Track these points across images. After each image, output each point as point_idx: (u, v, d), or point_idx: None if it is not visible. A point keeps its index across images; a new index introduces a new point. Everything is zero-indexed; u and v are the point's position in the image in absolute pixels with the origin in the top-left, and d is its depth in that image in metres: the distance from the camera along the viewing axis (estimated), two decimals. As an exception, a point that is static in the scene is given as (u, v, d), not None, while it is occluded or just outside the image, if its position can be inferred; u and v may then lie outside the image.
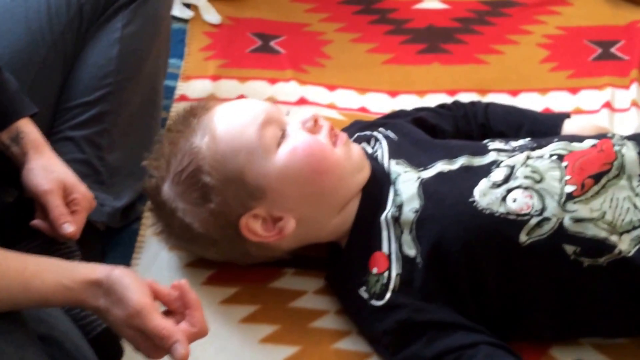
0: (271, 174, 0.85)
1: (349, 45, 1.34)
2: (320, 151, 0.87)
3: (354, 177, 0.89)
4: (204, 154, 0.86)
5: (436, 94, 1.24)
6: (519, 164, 0.87)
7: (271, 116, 0.88)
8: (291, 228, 0.87)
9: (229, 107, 0.90)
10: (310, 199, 0.87)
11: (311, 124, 0.89)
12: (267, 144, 0.86)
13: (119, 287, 0.67)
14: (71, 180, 0.88)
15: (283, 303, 0.93)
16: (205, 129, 0.87)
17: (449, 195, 0.86)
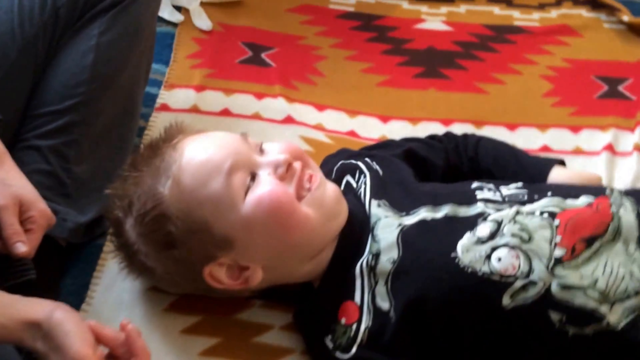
0: (237, 225, 0.83)
1: (343, 63, 1.32)
2: (287, 205, 0.82)
3: (326, 226, 0.86)
4: (167, 201, 0.83)
5: (430, 122, 1.21)
6: (507, 220, 0.84)
7: (239, 160, 0.84)
8: (258, 278, 0.85)
9: (195, 149, 0.85)
10: (278, 250, 0.85)
11: (283, 170, 0.84)
12: (233, 194, 0.82)
13: (58, 333, 0.65)
14: (29, 196, 0.85)
15: (247, 337, 0.91)
16: (170, 173, 0.84)
17: (430, 248, 0.83)
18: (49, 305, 0.68)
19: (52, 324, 0.65)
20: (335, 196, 0.87)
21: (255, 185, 0.83)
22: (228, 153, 0.84)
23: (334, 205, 0.87)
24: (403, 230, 0.85)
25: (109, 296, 0.95)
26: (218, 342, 0.91)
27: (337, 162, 0.98)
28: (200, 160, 0.84)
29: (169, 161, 0.84)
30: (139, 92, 1.10)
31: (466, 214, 0.86)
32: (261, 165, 0.85)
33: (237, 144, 0.86)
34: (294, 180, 0.85)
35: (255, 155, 0.86)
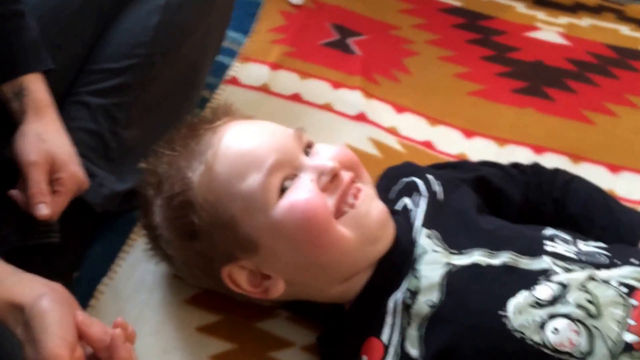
0: (265, 228, 0.77)
1: (435, 62, 1.25)
2: (321, 220, 0.76)
3: (363, 251, 0.79)
4: (195, 189, 0.79)
5: (519, 146, 1.12)
6: (575, 285, 0.74)
7: (283, 159, 0.78)
8: (278, 291, 0.80)
9: (236, 137, 0.80)
10: (304, 266, 0.79)
11: (327, 179, 0.78)
12: (268, 194, 0.77)
13: (37, 325, 0.61)
14: (62, 156, 0.83)
15: (263, 350, 0.86)
16: (203, 158, 0.79)
17: (477, 299, 0.75)
18: (39, 289, 0.64)
19: (33, 313, 0.62)
20: (379, 219, 0.80)
21: (292, 188, 0.78)
22: (273, 148, 0.79)
23: (376, 229, 0.80)
24: (450, 272, 0.78)
25: (132, 274, 0.92)
26: (232, 348, 0.86)
27: (399, 178, 0.91)
28: (240, 151, 0.79)
29: (205, 145, 0.80)
30: (205, 62, 1.06)
31: (528, 267, 0.77)
32: (306, 167, 0.79)
33: (285, 139, 0.81)
34: (337, 192, 0.79)
35: (302, 155, 0.80)
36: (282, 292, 0.80)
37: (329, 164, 0.79)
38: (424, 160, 1.06)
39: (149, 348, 0.86)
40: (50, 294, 0.64)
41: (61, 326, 0.61)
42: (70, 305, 0.65)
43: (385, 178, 0.94)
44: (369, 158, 1.07)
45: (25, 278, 0.66)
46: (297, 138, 0.82)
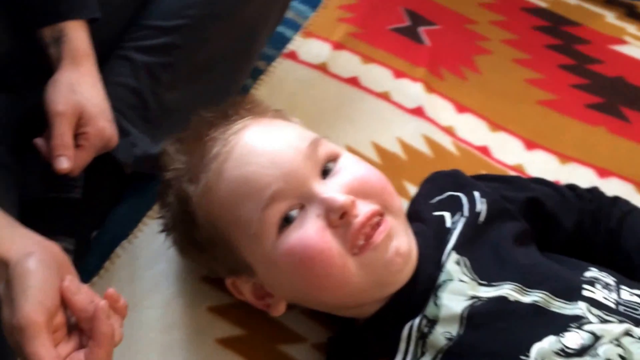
0: (261, 260, 0.74)
1: (508, 64, 1.18)
2: (325, 265, 0.71)
3: (370, 293, 0.74)
4: (195, 205, 0.76)
5: (582, 166, 1.06)
6: (608, 337, 0.68)
7: (286, 189, 0.72)
8: (280, 311, 0.78)
9: (241, 156, 0.74)
10: (305, 298, 0.77)
11: (335, 217, 0.71)
12: (265, 227, 0.72)
13: (17, 286, 0.59)
14: (92, 110, 0.81)
15: (273, 342, 0.84)
16: (205, 175, 0.75)
17: (499, 339, 0.70)
18: (29, 247, 0.62)
19: (16, 272, 0.59)
20: (395, 263, 0.73)
21: (296, 224, 0.72)
22: (278, 175, 0.72)
23: (389, 275, 0.74)
24: (474, 305, 0.72)
25: (153, 241, 0.90)
26: (241, 334, 0.84)
27: (445, 189, 0.85)
28: (241, 176, 0.73)
29: (210, 159, 0.75)
30: (263, 32, 1.03)
31: (560, 311, 0.71)
32: (314, 199, 0.72)
33: (297, 161, 0.73)
34: (348, 233, 0.72)
35: (314, 179, 0.74)
36: (282, 312, 0.79)
37: (339, 201, 0.71)
38: (477, 166, 1.02)
39: (156, 320, 0.84)
40: (39, 253, 0.61)
41: (42, 290, 0.59)
42: (60, 269, 0.62)
43: (430, 182, 0.89)
44: (418, 156, 1.02)
45: (18, 233, 0.64)
46: (312, 154, 0.75)
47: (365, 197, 0.74)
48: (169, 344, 0.82)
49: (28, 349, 0.57)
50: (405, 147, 1.03)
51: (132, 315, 0.83)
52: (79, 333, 0.63)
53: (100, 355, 0.60)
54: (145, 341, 0.82)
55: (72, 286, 0.61)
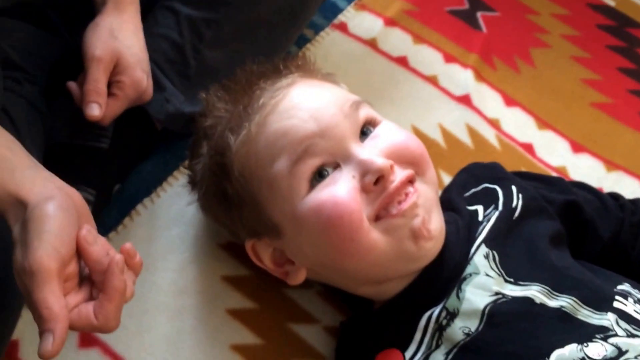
0: (288, 218, 0.73)
1: (566, 61, 1.14)
2: (349, 227, 0.70)
3: (395, 265, 0.73)
4: (232, 157, 0.74)
5: (629, 176, 1.02)
6: (633, 354, 0.67)
7: (320, 145, 0.71)
8: (299, 280, 0.77)
9: (282, 111, 0.73)
10: (327, 265, 0.75)
11: (370, 180, 0.71)
12: (296, 185, 0.71)
13: (33, 229, 0.58)
14: (129, 59, 0.80)
15: (284, 319, 0.83)
16: (247, 127, 0.74)
17: (519, 340, 0.68)
18: (50, 191, 0.61)
19: (34, 215, 0.58)
20: (423, 232, 0.72)
21: (329, 181, 0.71)
22: (313, 130, 0.72)
23: (416, 246, 0.72)
24: (497, 302, 0.71)
25: (172, 205, 0.90)
26: (252, 307, 0.83)
27: (482, 181, 0.84)
28: (279, 129, 0.73)
29: (255, 110, 0.74)
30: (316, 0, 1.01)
31: (586, 320, 0.70)
32: (351, 159, 0.72)
33: (336, 118, 0.73)
34: (380, 197, 0.71)
35: (353, 140, 0.73)
36: (301, 280, 0.77)
37: (377, 163, 0.71)
38: (518, 164, 0.99)
39: (169, 284, 0.84)
40: (59, 199, 0.60)
41: (58, 236, 0.58)
42: (79, 218, 0.62)
43: (466, 172, 0.88)
44: (458, 145, 1.00)
45: (40, 176, 0.63)
46: (353, 114, 0.74)
47: (402, 163, 0.73)
48: (179, 309, 0.82)
49: (37, 294, 0.57)
50: (446, 135, 1.00)
51: (145, 275, 0.83)
52: (90, 285, 0.62)
53: (109, 309, 0.59)
54: (155, 303, 0.82)
55: (89, 236, 0.61)
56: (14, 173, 0.61)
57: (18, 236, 0.59)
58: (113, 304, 0.59)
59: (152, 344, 0.79)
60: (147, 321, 0.80)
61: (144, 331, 0.80)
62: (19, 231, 0.59)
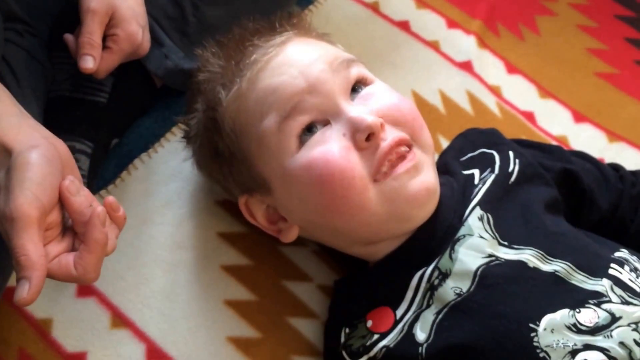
0: (277, 175, 0.77)
1: (571, 29, 1.19)
2: (344, 185, 0.73)
3: (387, 226, 0.77)
4: (222, 113, 0.79)
5: (631, 147, 1.07)
6: (626, 320, 0.70)
7: (310, 102, 0.75)
8: (291, 237, 0.82)
9: (274, 68, 0.77)
10: (318, 224, 0.79)
11: (361, 138, 0.74)
12: (285, 141, 0.75)
13: (15, 176, 0.61)
14: (124, 13, 0.85)
15: (278, 276, 0.88)
16: (238, 83, 0.78)
17: (509, 303, 0.72)
18: (35, 140, 0.64)
19: (17, 162, 0.62)
20: (417, 197, 0.76)
21: (318, 139, 0.75)
22: (302, 86, 0.76)
23: (409, 208, 0.76)
24: (490, 264, 0.75)
25: (173, 158, 0.95)
26: (246, 264, 0.89)
27: (479, 146, 0.88)
28: (269, 86, 0.77)
29: (246, 67, 0.79)
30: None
31: (580, 284, 0.74)
32: (341, 116, 0.75)
33: (325, 74, 0.77)
34: (375, 157, 0.74)
35: (342, 97, 0.77)
36: (294, 238, 0.82)
37: (367, 121, 0.74)
38: (518, 132, 1.04)
39: (165, 237, 0.89)
40: (43, 148, 0.63)
41: (40, 184, 0.61)
42: (64, 168, 0.65)
43: (464, 137, 0.92)
44: (458, 111, 1.04)
45: (26, 124, 0.66)
46: (343, 71, 0.78)
47: (394, 125, 0.76)
48: (175, 263, 0.87)
49: (16, 240, 0.60)
50: (445, 101, 1.05)
51: (142, 229, 0.89)
52: (73, 236, 0.66)
53: (89, 260, 0.63)
54: (152, 257, 0.88)
55: (72, 187, 0.64)
56: (8, 119, 0.65)
57: (2, 182, 0.62)
58: (93, 256, 0.63)
59: (147, 296, 0.85)
60: (143, 274, 0.86)
61: (140, 283, 0.85)
62: (2, 178, 0.63)
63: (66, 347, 0.82)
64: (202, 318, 0.84)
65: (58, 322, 0.83)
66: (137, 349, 0.82)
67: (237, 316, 0.85)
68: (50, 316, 0.83)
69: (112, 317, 0.84)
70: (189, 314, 0.84)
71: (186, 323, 0.84)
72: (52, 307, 0.83)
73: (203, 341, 0.83)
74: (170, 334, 0.83)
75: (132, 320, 0.84)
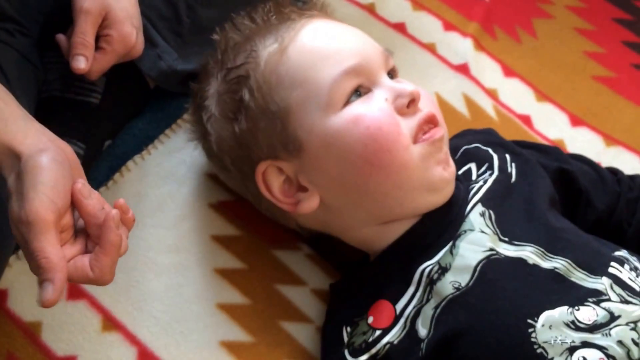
0: (317, 132, 0.77)
1: (569, 32, 1.19)
2: (390, 139, 0.76)
3: (417, 194, 0.78)
4: (259, 65, 0.79)
5: (628, 151, 1.07)
6: (625, 319, 0.71)
7: (365, 67, 0.78)
8: (310, 207, 0.79)
9: (326, 28, 0.81)
10: (347, 188, 0.78)
11: (403, 102, 0.78)
12: (336, 95, 0.77)
13: (28, 180, 0.62)
14: (118, 14, 0.85)
15: (272, 280, 0.88)
16: (281, 36, 0.80)
17: (508, 299, 0.73)
18: (43, 143, 0.65)
19: (28, 166, 0.63)
20: (448, 165, 0.80)
21: (362, 101, 0.78)
22: (359, 52, 0.79)
23: (440, 177, 0.78)
24: (490, 259, 0.75)
25: (166, 160, 0.95)
26: (240, 267, 0.88)
27: (475, 142, 0.89)
28: (322, 43, 0.80)
29: (288, 26, 0.81)
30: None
31: (580, 282, 0.74)
32: (383, 85, 0.79)
33: (373, 51, 0.81)
34: (416, 119, 0.78)
35: (384, 73, 0.80)
36: (312, 209, 0.79)
37: (409, 88, 0.78)
38: (515, 135, 1.03)
39: (157, 240, 0.89)
40: (52, 151, 0.64)
41: (53, 188, 0.62)
42: (73, 171, 0.66)
43: (460, 137, 0.92)
44: (454, 115, 1.04)
45: (34, 128, 0.67)
46: (383, 55, 0.82)
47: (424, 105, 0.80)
48: (167, 266, 0.87)
49: (34, 244, 0.61)
50: (442, 104, 1.05)
51: (134, 232, 0.87)
52: (85, 238, 0.67)
53: (105, 262, 0.64)
54: (143, 259, 0.87)
55: (84, 190, 0.65)
56: (6, 124, 0.66)
57: (13, 187, 0.64)
58: (109, 258, 0.64)
59: (139, 299, 0.84)
60: (135, 276, 0.85)
61: (132, 286, 0.85)
62: (13, 182, 0.64)
63: (56, 351, 0.81)
64: (195, 322, 0.84)
65: (47, 326, 0.82)
66: (128, 352, 0.81)
67: (230, 320, 0.85)
68: (39, 319, 0.82)
69: (103, 321, 0.83)
70: (181, 317, 0.84)
71: (178, 326, 0.83)
72: (42, 310, 0.82)
73: (195, 345, 0.83)
74: (162, 338, 0.83)
75: (123, 323, 0.83)
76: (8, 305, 0.82)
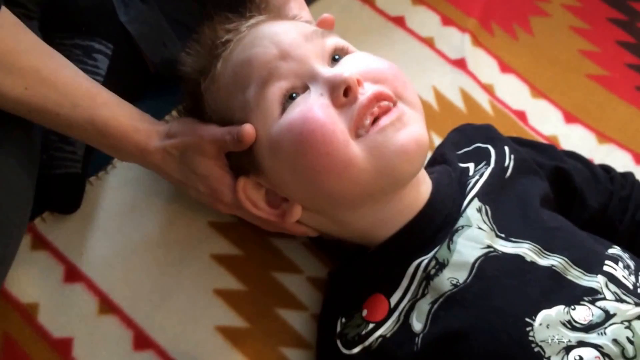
0: (263, 147, 0.75)
1: (564, 31, 1.19)
2: (325, 140, 0.70)
3: (377, 183, 0.73)
4: (204, 95, 0.79)
5: (620, 149, 1.07)
6: (620, 318, 0.71)
7: (286, 68, 0.74)
8: (296, 215, 0.78)
9: (245, 46, 0.78)
10: (312, 193, 0.75)
11: (338, 94, 0.72)
12: (266, 109, 0.74)
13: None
14: None
15: (268, 267, 0.88)
16: (214, 66, 0.79)
17: (507, 297, 0.72)
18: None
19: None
20: (406, 149, 0.72)
21: (296, 105, 0.73)
22: (274, 54, 0.75)
23: (398, 162, 0.72)
24: (488, 256, 0.75)
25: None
26: (236, 254, 0.88)
27: (474, 141, 0.88)
28: (242, 60, 0.77)
29: (219, 48, 0.79)
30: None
31: (576, 280, 0.74)
32: (317, 78, 0.74)
33: (297, 41, 0.76)
34: (354, 109, 0.72)
35: (318, 63, 0.75)
36: (299, 216, 0.78)
37: (342, 75, 0.72)
38: (510, 130, 1.04)
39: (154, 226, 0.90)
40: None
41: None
42: None
43: (459, 132, 0.92)
44: (451, 108, 1.04)
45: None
46: (316, 39, 0.77)
47: (374, 83, 0.74)
48: (164, 251, 0.87)
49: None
50: (439, 98, 1.05)
51: (132, 216, 0.89)
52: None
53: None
54: (141, 244, 0.88)
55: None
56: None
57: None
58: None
59: (136, 282, 0.84)
60: (132, 260, 0.85)
61: (129, 270, 0.85)
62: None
63: (52, 332, 0.81)
64: (191, 306, 0.84)
65: (44, 307, 0.82)
66: (124, 335, 0.81)
67: (226, 306, 0.85)
68: (36, 301, 0.82)
69: (99, 304, 0.83)
70: (178, 302, 0.84)
71: (175, 311, 0.83)
72: (39, 292, 0.82)
73: (191, 329, 0.82)
74: (158, 322, 0.83)
75: (120, 306, 0.83)
76: (5, 286, 0.82)
